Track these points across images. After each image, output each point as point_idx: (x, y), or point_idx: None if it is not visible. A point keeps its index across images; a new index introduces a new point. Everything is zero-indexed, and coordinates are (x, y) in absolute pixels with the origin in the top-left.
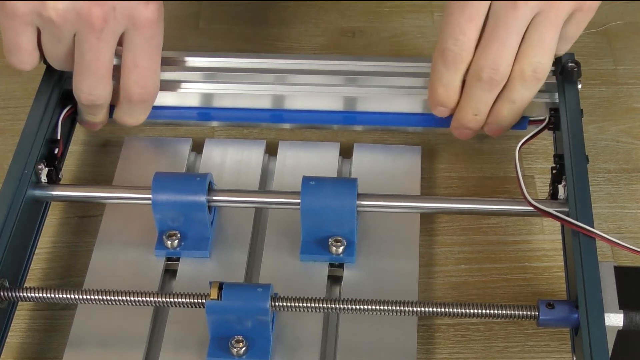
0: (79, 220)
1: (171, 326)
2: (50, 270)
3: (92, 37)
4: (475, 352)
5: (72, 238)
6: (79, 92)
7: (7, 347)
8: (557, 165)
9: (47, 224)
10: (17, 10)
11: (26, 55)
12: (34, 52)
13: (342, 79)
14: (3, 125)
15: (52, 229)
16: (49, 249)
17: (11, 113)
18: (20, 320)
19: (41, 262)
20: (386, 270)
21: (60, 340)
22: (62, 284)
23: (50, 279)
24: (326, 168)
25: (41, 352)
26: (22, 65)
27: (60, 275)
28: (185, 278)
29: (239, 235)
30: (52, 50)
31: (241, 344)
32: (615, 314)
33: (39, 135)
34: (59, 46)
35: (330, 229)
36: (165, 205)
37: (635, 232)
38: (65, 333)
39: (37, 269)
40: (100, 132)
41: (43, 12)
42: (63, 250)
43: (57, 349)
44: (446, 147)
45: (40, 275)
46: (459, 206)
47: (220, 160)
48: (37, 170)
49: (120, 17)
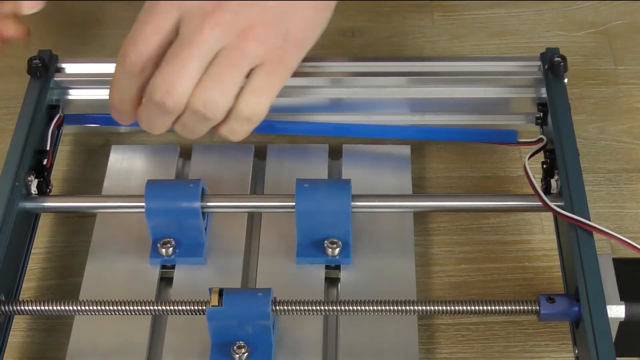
0: (77, 220)
1: (171, 334)
2: (49, 270)
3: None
4: (475, 352)
5: (70, 237)
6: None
7: (7, 347)
8: (548, 159)
9: (44, 224)
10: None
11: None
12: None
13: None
14: (3, 125)
15: (49, 229)
16: (48, 248)
17: (12, 113)
18: (20, 320)
19: (40, 262)
20: (383, 270)
21: (60, 340)
22: (61, 284)
23: (49, 279)
24: (316, 170)
25: (42, 352)
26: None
27: (59, 274)
28: (182, 285)
29: (234, 241)
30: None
31: (243, 349)
32: (616, 306)
33: (28, 147)
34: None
35: (326, 230)
36: (159, 213)
37: (636, 232)
38: (66, 333)
39: (35, 269)
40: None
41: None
42: (61, 249)
43: (57, 349)
44: (446, 147)
45: (39, 275)
46: (453, 204)
47: (209, 166)
48: (27, 182)
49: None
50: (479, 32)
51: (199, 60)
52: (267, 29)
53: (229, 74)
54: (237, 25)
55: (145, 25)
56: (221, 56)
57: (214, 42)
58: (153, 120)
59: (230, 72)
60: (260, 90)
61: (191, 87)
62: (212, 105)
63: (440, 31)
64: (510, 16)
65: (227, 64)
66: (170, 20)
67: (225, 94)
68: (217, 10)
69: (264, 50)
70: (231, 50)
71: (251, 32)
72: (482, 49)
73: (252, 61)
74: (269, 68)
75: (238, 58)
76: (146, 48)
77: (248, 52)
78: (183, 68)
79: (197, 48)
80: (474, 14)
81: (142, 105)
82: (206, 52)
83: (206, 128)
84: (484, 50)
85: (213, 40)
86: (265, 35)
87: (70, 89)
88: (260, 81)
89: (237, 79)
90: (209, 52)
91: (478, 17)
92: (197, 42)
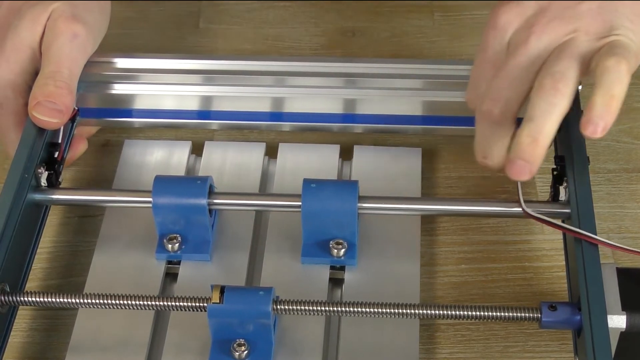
0: (80, 220)
1: (172, 330)
2: (52, 270)
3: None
4: (475, 352)
5: (72, 237)
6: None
7: (8, 347)
8: (558, 166)
9: (48, 224)
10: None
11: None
12: None
13: (343, 81)
14: None
15: (53, 229)
16: (50, 248)
17: None
18: (21, 320)
19: (42, 262)
20: (387, 273)
21: (61, 340)
22: (63, 284)
23: (51, 279)
24: (326, 170)
25: (42, 352)
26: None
27: (62, 274)
28: (186, 281)
29: (240, 238)
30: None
31: (243, 347)
32: (618, 316)
33: (39, 139)
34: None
35: (332, 231)
36: (166, 209)
37: (635, 232)
38: (67, 333)
39: (37, 269)
40: (100, 132)
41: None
42: (64, 249)
43: (58, 349)
44: (446, 147)
45: (41, 275)
46: (460, 208)
47: (220, 162)
48: (37, 174)
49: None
50: (479, 32)
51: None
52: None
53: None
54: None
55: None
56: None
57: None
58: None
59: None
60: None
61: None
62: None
63: (440, 31)
64: None
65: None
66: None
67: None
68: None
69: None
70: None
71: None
72: None
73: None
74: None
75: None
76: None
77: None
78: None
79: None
80: (474, 14)
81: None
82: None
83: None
84: None
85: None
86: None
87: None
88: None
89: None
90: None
91: (478, 17)
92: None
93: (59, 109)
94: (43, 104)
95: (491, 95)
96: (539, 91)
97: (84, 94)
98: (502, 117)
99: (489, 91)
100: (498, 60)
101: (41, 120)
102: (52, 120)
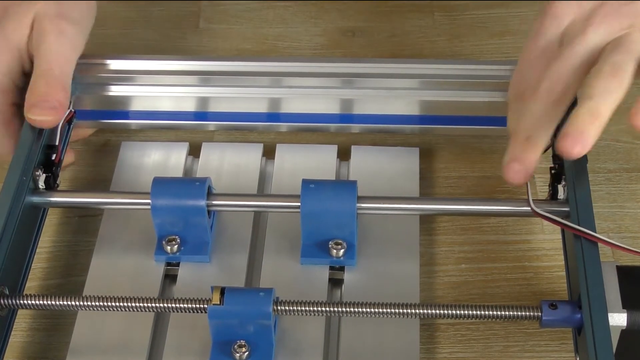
0: (80, 220)
1: (173, 332)
2: (51, 270)
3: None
4: (475, 352)
5: (72, 237)
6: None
7: (8, 347)
8: (556, 165)
9: (47, 223)
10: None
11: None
12: None
13: (340, 81)
14: None
15: (52, 228)
16: (50, 248)
17: None
18: (21, 319)
19: (42, 262)
20: (387, 273)
21: (61, 340)
22: (63, 283)
23: (51, 278)
24: (324, 171)
25: (42, 352)
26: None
27: (61, 274)
28: (186, 283)
29: (239, 240)
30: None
31: (244, 348)
32: (618, 314)
33: (37, 142)
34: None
35: (331, 231)
36: (165, 210)
37: (635, 231)
38: (67, 333)
39: (37, 268)
40: (100, 132)
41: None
42: (64, 249)
43: (58, 349)
44: (445, 147)
45: (41, 275)
46: (458, 207)
47: (217, 164)
48: (35, 176)
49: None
50: (479, 32)
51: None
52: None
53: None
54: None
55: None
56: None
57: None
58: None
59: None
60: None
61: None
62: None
63: (441, 31)
64: (511, 16)
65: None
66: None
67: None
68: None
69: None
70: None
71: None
72: (482, 49)
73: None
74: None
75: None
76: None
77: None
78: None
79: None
80: (474, 14)
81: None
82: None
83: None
84: (484, 50)
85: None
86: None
87: (80, 84)
88: None
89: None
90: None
91: (478, 17)
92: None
93: (53, 106)
94: (36, 104)
95: (552, 77)
96: (599, 74)
97: (80, 96)
98: (562, 97)
99: (548, 72)
100: (549, 49)
101: (36, 120)
102: (46, 119)
